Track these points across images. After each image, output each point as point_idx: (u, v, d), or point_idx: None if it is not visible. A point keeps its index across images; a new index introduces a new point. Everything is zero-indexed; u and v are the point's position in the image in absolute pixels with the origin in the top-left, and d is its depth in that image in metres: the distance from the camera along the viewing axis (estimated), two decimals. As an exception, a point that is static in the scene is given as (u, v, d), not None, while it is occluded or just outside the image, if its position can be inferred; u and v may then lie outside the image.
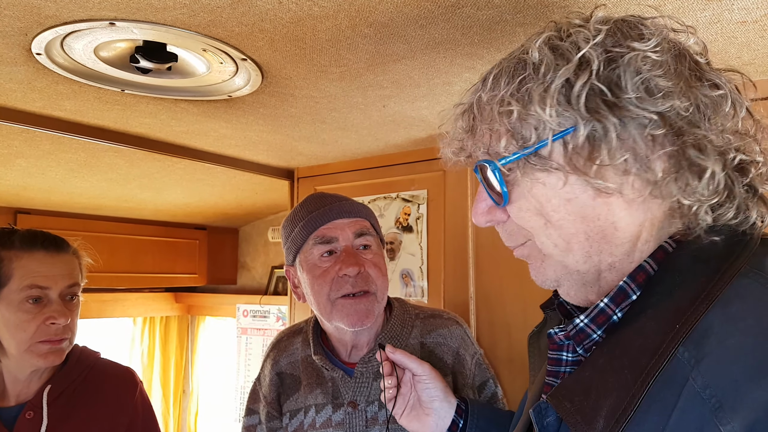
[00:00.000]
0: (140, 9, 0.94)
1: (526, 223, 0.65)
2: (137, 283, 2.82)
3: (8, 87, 1.27)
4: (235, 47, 1.08)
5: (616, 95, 0.57)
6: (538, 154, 0.60)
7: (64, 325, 1.24)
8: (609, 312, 0.62)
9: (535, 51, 0.61)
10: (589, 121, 0.57)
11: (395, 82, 1.27)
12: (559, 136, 0.59)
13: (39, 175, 1.95)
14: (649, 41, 0.58)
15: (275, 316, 2.87)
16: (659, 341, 0.54)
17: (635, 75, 0.57)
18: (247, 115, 1.51)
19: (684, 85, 0.58)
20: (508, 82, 0.62)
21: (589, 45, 0.59)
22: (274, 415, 1.27)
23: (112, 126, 1.59)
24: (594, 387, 0.58)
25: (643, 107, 0.56)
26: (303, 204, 1.24)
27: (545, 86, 0.59)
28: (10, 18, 0.96)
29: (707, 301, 0.53)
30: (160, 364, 3.28)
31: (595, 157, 0.58)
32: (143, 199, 2.43)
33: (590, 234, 0.61)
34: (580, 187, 0.60)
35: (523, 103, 0.60)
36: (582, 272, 0.64)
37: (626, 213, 0.60)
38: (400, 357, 1.01)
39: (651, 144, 0.57)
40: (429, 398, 1.01)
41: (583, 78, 0.57)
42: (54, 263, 1.26)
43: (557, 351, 0.70)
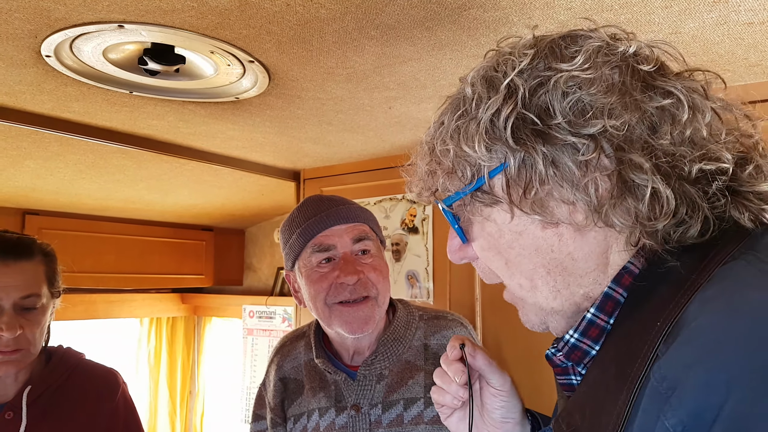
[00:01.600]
0: (149, 11, 0.94)
1: (490, 263, 0.63)
2: (144, 284, 2.84)
3: (18, 89, 1.29)
4: (243, 49, 1.08)
5: (544, 122, 0.54)
6: (482, 190, 0.58)
7: (12, 337, 1.19)
8: (600, 323, 0.58)
9: (468, 86, 0.60)
10: (518, 153, 0.55)
11: (401, 84, 1.27)
12: (494, 172, 0.57)
13: (47, 176, 1.97)
14: (575, 60, 0.55)
15: (281, 317, 2.88)
16: (641, 343, 0.50)
17: (563, 98, 0.54)
18: (253, 116, 1.51)
19: (621, 100, 0.53)
20: (449, 119, 0.60)
21: (514, 72, 0.56)
22: (278, 422, 1.26)
23: (120, 128, 1.60)
24: (588, 404, 0.55)
25: (573, 131, 0.53)
26: (300, 209, 1.23)
27: (477, 122, 0.57)
28: (20, 20, 0.97)
29: (691, 290, 0.49)
30: (167, 365, 3.30)
31: (530, 188, 0.55)
32: (150, 201, 2.45)
33: (549, 268, 0.58)
34: (528, 219, 0.57)
35: (456, 141, 0.58)
36: (558, 310, 0.60)
37: (581, 242, 0.57)
38: (482, 362, 0.79)
39: (584, 169, 0.53)
40: (502, 418, 0.80)
41: (507, 109, 0.55)
42: (8, 272, 1.21)
43: (565, 375, 0.65)
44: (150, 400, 3.27)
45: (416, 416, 1.13)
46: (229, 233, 3.18)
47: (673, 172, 0.53)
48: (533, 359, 1.57)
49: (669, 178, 0.53)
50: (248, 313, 2.97)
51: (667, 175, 0.53)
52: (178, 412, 3.34)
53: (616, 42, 0.57)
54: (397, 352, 1.18)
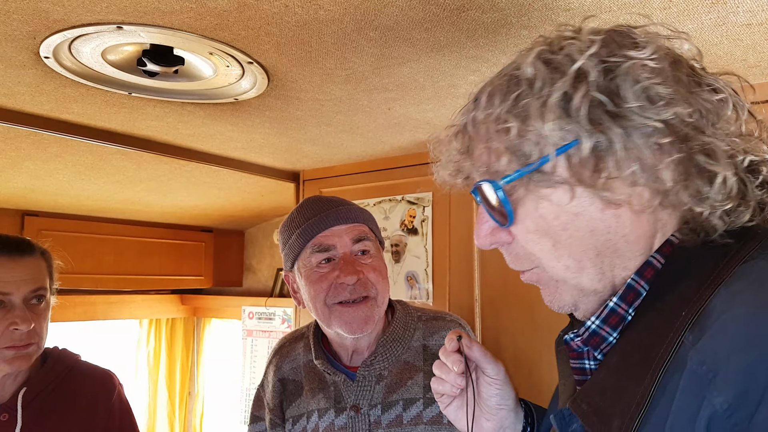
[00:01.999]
0: (147, 13, 0.94)
1: (533, 247, 0.63)
2: (143, 285, 2.83)
3: (16, 90, 1.29)
4: (242, 50, 1.08)
5: (617, 105, 0.56)
6: (542, 170, 0.59)
7: (27, 330, 1.21)
8: (621, 312, 0.61)
9: (528, 66, 0.60)
10: (592, 133, 0.56)
11: (400, 85, 1.27)
12: (562, 150, 0.57)
13: (46, 177, 1.97)
14: (644, 49, 0.57)
15: (281, 318, 2.88)
16: (667, 332, 0.53)
17: (634, 84, 0.56)
18: (253, 117, 1.51)
19: (685, 92, 0.57)
20: (502, 99, 0.60)
21: (585, 56, 0.57)
22: (276, 423, 1.26)
23: (119, 129, 1.60)
24: (609, 387, 0.57)
25: (646, 116, 0.55)
26: (299, 209, 1.23)
27: (542, 100, 0.57)
28: (19, 22, 0.97)
29: (714, 284, 0.52)
30: (166, 366, 3.29)
31: (602, 168, 0.57)
32: (150, 202, 2.45)
33: (601, 249, 0.60)
34: (588, 200, 0.59)
35: (522, 118, 0.58)
36: (599, 291, 0.62)
37: (636, 225, 0.59)
38: (477, 353, 0.84)
39: (658, 153, 0.56)
40: (497, 405, 0.86)
41: (581, 90, 0.56)
42: (16, 268, 1.23)
43: (578, 359, 0.68)
44: (149, 401, 3.27)
45: (415, 416, 1.13)
46: (228, 234, 3.18)
47: (731, 159, 0.57)
48: (532, 359, 1.57)
49: (731, 165, 0.57)
50: (248, 314, 2.97)
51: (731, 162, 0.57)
52: (177, 413, 3.33)
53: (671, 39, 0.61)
54: (396, 353, 1.18)
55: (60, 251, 1.37)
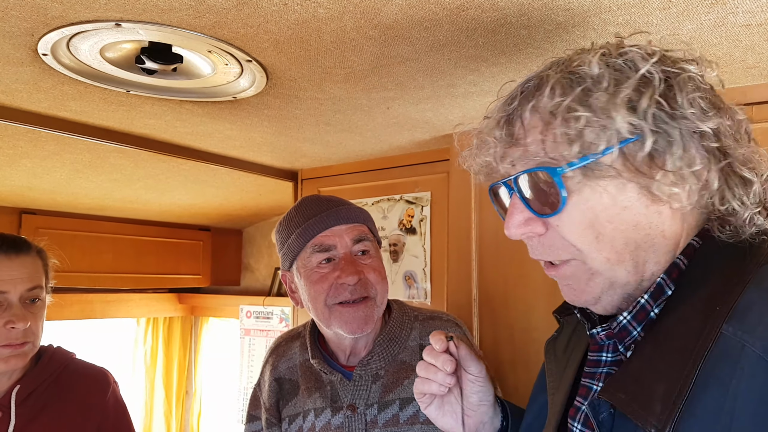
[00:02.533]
0: (146, 10, 0.94)
1: (575, 238, 0.65)
2: (141, 284, 2.83)
3: (14, 87, 1.28)
4: (240, 49, 1.08)
5: (674, 109, 0.61)
6: (601, 162, 0.62)
7: (23, 329, 1.22)
8: (648, 308, 0.65)
9: (594, 65, 0.64)
10: (654, 132, 0.61)
11: (399, 84, 1.27)
12: (624, 143, 0.62)
13: (44, 175, 1.96)
14: (695, 66, 0.65)
15: (278, 317, 2.87)
16: (702, 323, 0.58)
17: (689, 93, 0.62)
18: (251, 116, 1.51)
19: (723, 106, 0.64)
20: (565, 92, 0.64)
21: (650, 63, 0.63)
22: (272, 422, 1.26)
23: (117, 127, 1.60)
24: (645, 375, 0.60)
25: (700, 121, 0.61)
26: (298, 209, 1.22)
27: (612, 96, 0.62)
28: (17, 18, 0.97)
29: (741, 283, 0.58)
30: (163, 365, 3.29)
31: (656, 165, 0.62)
32: (148, 200, 2.44)
33: (641, 243, 0.64)
34: (636, 195, 0.63)
35: (592, 109, 0.62)
36: (630, 284, 0.66)
37: (672, 221, 0.65)
38: (465, 353, 0.87)
39: (706, 156, 0.62)
40: (478, 401, 0.90)
41: (648, 92, 0.61)
42: (12, 266, 1.23)
43: (597, 352, 0.72)
44: (146, 399, 3.26)
45: (412, 416, 1.13)
46: (226, 233, 3.17)
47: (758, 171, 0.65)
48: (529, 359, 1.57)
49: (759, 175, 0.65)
50: (245, 313, 2.97)
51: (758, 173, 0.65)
52: (173, 412, 3.33)
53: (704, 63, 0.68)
54: (392, 353, 1.18)
55: (56, 250, 1.36)
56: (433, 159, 1.85)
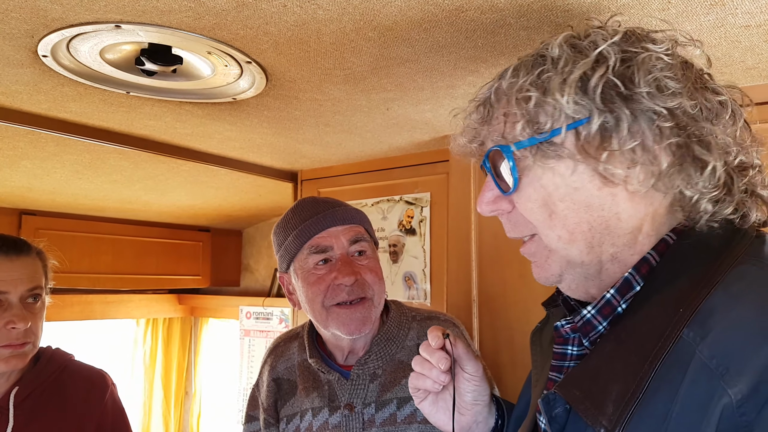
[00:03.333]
0: (146, 12, 0.94)
1: (531, 215, 0.67)
2: (141, 285, 2.83)
3: (14, 89, 1.28)
4: (240, 50, 1.08)
5: (629, 89, 0.60)
6: (552, 141, 0.63)
7: (24, 329, 1.22)
8: (615, 303, 0.64)
9: (555, 47, 0.65)
10: (602, 112, 0.60)
11: (399, 86, 1.27)
12: (573, 125, 0.62)
13: (44, 176, 1.96)
14: (661, 44, 0.63)
15: (278, 318, 2.87)
16: (664, 325, 0.56)
17: (647, 73, 0.61)
18: (251, 117, 1.51)
19: (691, 88, 0.62)
20: (527, 72, 0.65)
21: (607, 43, 0.63)
22: (270, 422, 1.26)
23: (116, 128, 1.60)
24: (602, 373, 0.60)
25: (654, 102, 0.60)
26: (295, 210, 1.23)
27: (564, 77, 0.62)
28: (17, 20, 0.97)
29: (709, 285, 0.56)
30: (162, 366, 3.29)
31: (606, 146, 0.61)
32: (147, 201, 2.44)
33: (593, 224, 0.64)
34: (588, 176, 0.63)
35: (542, 90, 0.63)
36: (585, 264, 0.66)
37: (629, 204, 0.63)
38: (462, 351, 0.87)
39: (659, 136, 0.61)
40: (473, 400, 0.89)
41: (599, 71, 0.61)
42: (13, 267, 1.24)
43: (563, 345, 0.72)
44: (144, 400, 3.26)
45: (409, 415, 1.13)
46: (226, 234, 3.17)
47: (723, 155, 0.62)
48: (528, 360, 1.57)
49: (722, 157, 0.62)
50: (245, 314, 2.97)
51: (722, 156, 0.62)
52: (172, 412, 3.33)
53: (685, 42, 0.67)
54: (390, 352, 1.19)
55: (55, 251, 1.37)
56: (432, 160, 1.85)
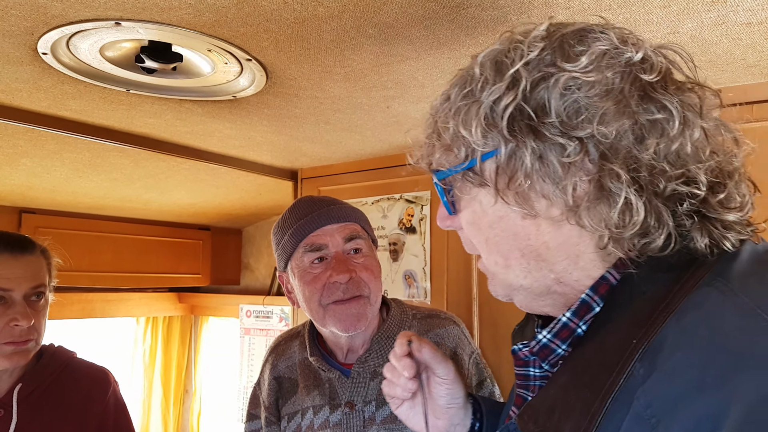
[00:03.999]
0: (146, 9, 0.94)
1: (472, 237, 0.66)
2: (141, 283, 2.83)
3: (14, 86, 1.28)
4: (240, 47, 1.08)
5: (539, 118, 0.55)
6: (473, 170, 0.60)
7: (27, 326, 1.23)
8: (572, 326, 0.60)
9: (477, 66, 0.60)
10: (510, 143, 0.57)
11: (399, 83, 1.27)
12: (486, 156, 0.59)
13: (44, 174, 1.96)
14: (579, 61, 0.55)
15: (278, 317, 2.87)
16: (617, 357, 0.52)
17: (560, 98, 0.55)
18: (251, 115, 1.51)
19: (617, 107, 0.54)
20: (456, 96, 0.62)
21: (521, 63, 0.57)
22: (272, 421, 1.27)
23: (116, 126, 1.60)
24: (557, 407, 0.57)
25: (563, 131, 0.54)
26: (292, 210, 1.23)
27: (479, 105, 0.58)
28: (17, 17, 0.96)
29: (666, 312, 0.51)
30: (162, 364, 3.29)
31: (516, 179, 0.57)
32: (148, 200, 2.44)
33: (524, 252, 0.61)
34: (509, 206, 0.59)
35: (456, 121, 0.60)
36: (527, 287, 0.63)
37: (557, 233, 0.59)
38: (428, 355, 0.86)
39: (567, 170, 0.55)
40: (447, 404, 0.88)
41: (508, 98, 0.56)
42: (17, 265, 1.24)
43: (524, 367, 0.68)
44: (144, 398, 3.26)
45: None
46: (226, 233, 3.17)
47: (648, 186, 0.54)
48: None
49: (643, 191, 0.54)
50: (245, 312, 2.97)
51: (641, 189, 0.54)
52: (171, 411, 3.33)
53: (624, 46, 0.57)
54: (390, 350, 1.19)
55: (59, 249, 1.37)
56: (433, 158, 1.85)
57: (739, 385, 0.43)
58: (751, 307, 0.48)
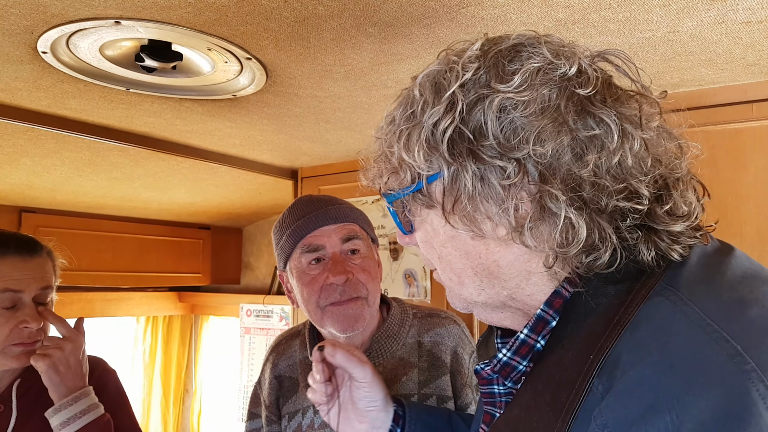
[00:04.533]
0: (145, 7, 0.94)
1: (426, 254, 0.66)
2: (141, 282, 2.83)
3: (14, 85, 1.28)
4: (240, 46, 1.08)
5: (477, 140, 0.55)
6: (422, 192, 0.60)
7: (36, 328, 1.24)
8: (531, 342, 0.60)
9: (416, 88, 0.60)
10: (452, 166, 0.56)
11: (399, 82, 1.27)
12: (431, 179, 0.59)
13: (44, 173, 1.96)
14: (512, 81, 0.55)
15: (278, 316, 2.87)
16: (576, 374, 0.52)
17: (496, 119, 0.55)
18: (251, 114, 1.51)
19: (554, 124, 0.54)
20: (399, 118, 0.62)
21: (456, 85, 0.56)
22: (272, 420, 1.27)
23: (116, 125, 1.60)
24: (521, 426, 0.57)
25: (501, 153, 0.54)
26: (290, 209, 1.23)
27: (420, 128, 0.58)
28: (17, 16, 0.96)
29: (620, 325, 0.51)
30: (162, 363, 3.29)
31: (460, 201, 0.57)
32: (147, 199, 2.44)
33: (476, 270, 0.61)
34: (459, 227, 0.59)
35: (401, 144, 0.60)
36: (482, 303, 0.64)
37: (506, 252, 0.59)
38: (341, 359, 0.89)
39: (508, 191, 0.55)
40: (366, 407, 0.91)
41: (446, 121, 0.56)
42: (26, 267, 1.25)
43: (488, 386, 0.68)
44: (143, 397, 3.26)
45: None
46: (226, 232, 3.17)
47: (589, 203, 0.54)
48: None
49: (583, 209, 0.54)
50: (245, 311, 2.97)
51: (582, 207, 0.54)
52: (171, 410, 3.33)
53: (559, 60, 0.56)
54: (390, 349, 1.19)
55: (63, 249, 1.38)
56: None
57: (691, 406, 0.44)
58: (700, 317, 0.49)
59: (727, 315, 0.49)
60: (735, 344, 0.46)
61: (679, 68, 1.19)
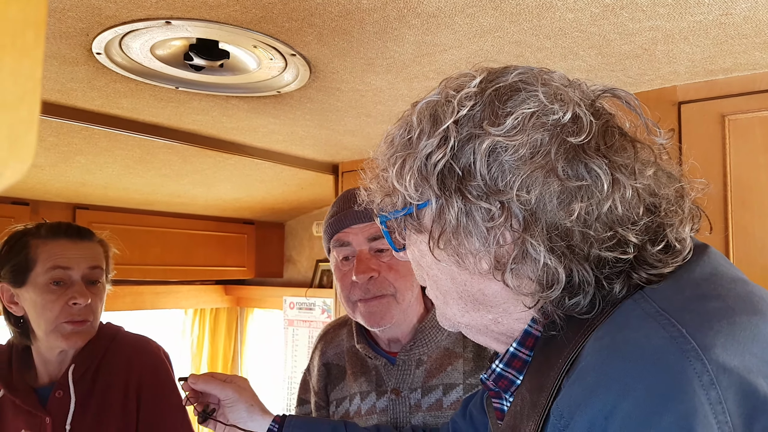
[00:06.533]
0: (195, 7, 0.97)
1: (416, 272, 0.68)
2: (189, 276, 2.91)
3: (70, 86, 1.33)
4: (285, 42, 1.10)
5: (465, 179, 0.56)
6: (412, 216, 0.62)
7: (85, 305, 1.30)
8: (522, 356, 0.62)
9: (415, 115, 0.61)
10: (439, 198, 0.57)
11: (441, 73, 1.26)
12: (421, 206, 0.60)
13: (96, 171, 2.04)
14: (504, 124, 0.55)
15: (320, 309, 2.91)
16: (548, 378, 0.54)
17: (485, 160, 0.55)
18: (294, 110, 1.53)
19: (542, 170, 0.54)
20: (398, 141, 0.63)
21: (450, 121, 0.57)
22: (321, 405, 1.30)
23: (165, 123, 1.64)
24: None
25: (488, 194, 0.55)
26: (334, 203, 1.27)
27: (414, 156, 0.59)
28: (73, 19, 1.01)
29: (589, 329, 0.53)
30: (209, 354, 3.38)
31: (445, 233, 0.58)
32: (195, 195, 2.50)
33: (462, 295, 0.62)
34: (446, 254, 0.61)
35: (394, 170, 0.61)
36: (466, 324, 0.65)
37: (490, 283, 0.60)
38: (202, 386, 1.07)
39: (492, 231, 0.56)
40: (235, 420, 1.08)
41: (438, 155, 0.57)
42: (76, 248, 1.33)
43: (498, 399, 0.69)
44: (193, 388, 3.35)
45: (455, 401, 1.14)
46: (269, 226, 3.23)
47: (573, 250, 0.54)
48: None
49: (564, 257, 0.54)
50: (288, 304, 3.02)
51: (563, 255, 0.54)
52: (221, 400, 3.41)
53: (553, 105, 0.56)
54: (435, 339, 1.20)
55: (117, 241, 1.43)
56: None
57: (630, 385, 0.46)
58: (657, 310, 0.50)
59: (684, 307, 0.51)
60: (680, 328, 0.48)
61: (732, 52, 1.15)
